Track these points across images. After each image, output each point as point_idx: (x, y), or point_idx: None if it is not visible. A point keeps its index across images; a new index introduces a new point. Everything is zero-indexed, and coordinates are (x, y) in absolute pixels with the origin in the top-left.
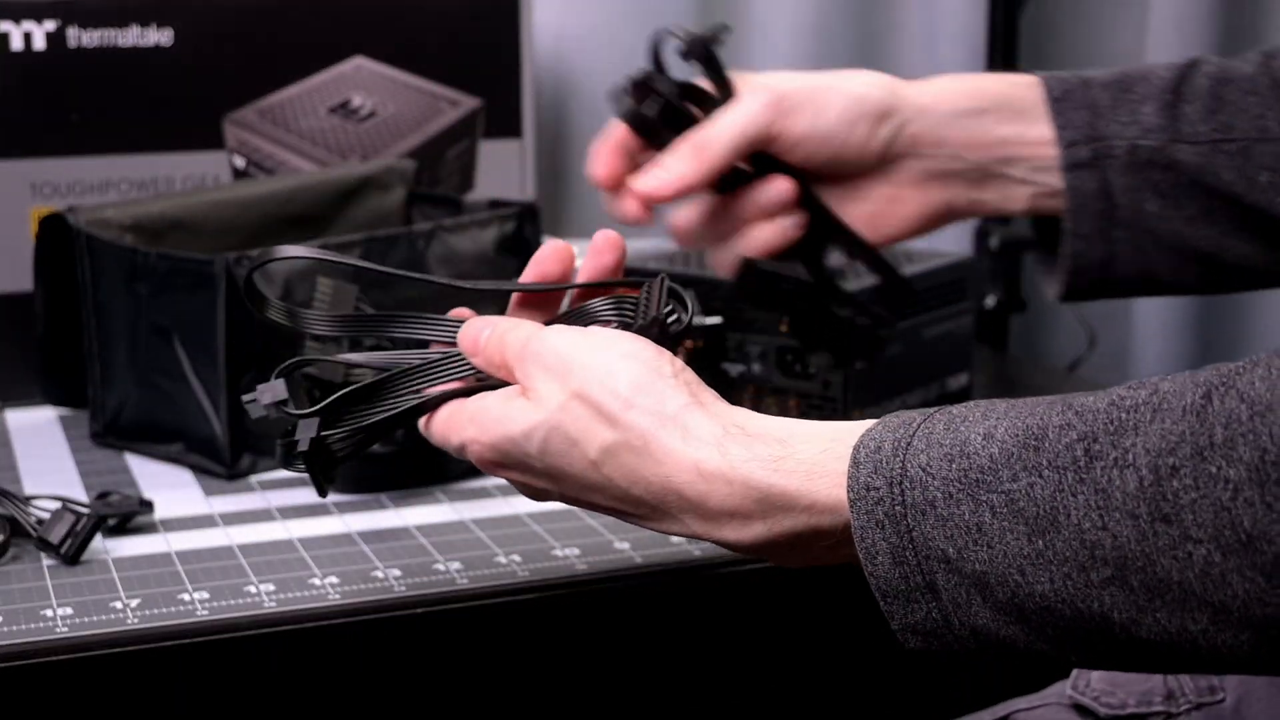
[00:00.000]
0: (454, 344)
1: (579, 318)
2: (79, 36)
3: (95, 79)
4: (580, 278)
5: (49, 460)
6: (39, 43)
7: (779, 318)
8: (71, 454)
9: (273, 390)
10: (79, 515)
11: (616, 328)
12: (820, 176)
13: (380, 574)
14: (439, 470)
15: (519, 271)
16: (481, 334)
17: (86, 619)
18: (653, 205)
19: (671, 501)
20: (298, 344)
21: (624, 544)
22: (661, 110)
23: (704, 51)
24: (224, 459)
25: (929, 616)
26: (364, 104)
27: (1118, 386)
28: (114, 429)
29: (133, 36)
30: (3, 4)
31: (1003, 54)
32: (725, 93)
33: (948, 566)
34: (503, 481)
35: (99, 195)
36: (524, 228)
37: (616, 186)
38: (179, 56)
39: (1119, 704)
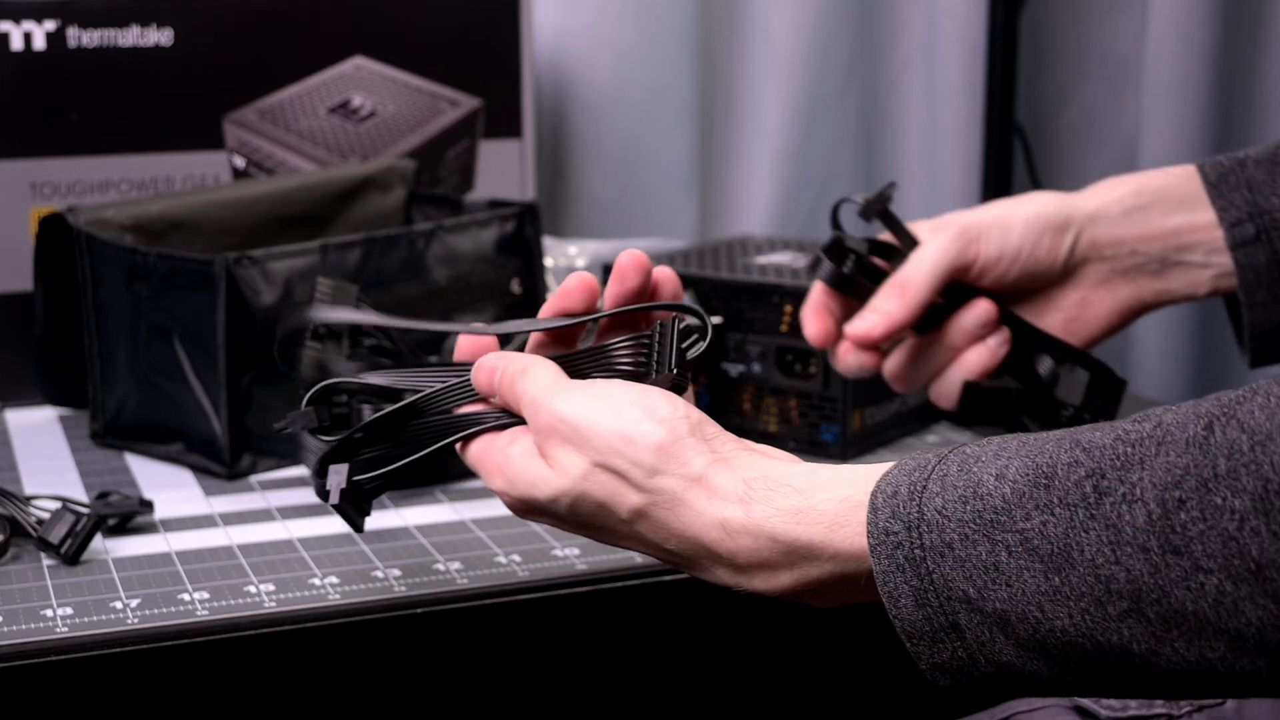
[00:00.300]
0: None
1: (596, 359)
2: (79, 36)
3: (95, 79)
4: (606, 303)
5: (49, 460)
6: (39, 43)
7: (779, 319)
8: (71, 454)
9: (305, 418)
10: (79, 515)
11: (631, 375)
12: (1013, 296)
13: (380, 574)
14: (439, 470)
15: (519, 271)
16: (494, 376)
17: (86, 619)
18: (872, 347)
19: (702, 555)
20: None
21: None
22: (857, 266)
23: (882, 210)
24: (224, 459)
25: (955, 655)
26: (364, 104)
27: (1122, 420)
28: (114, 429)
29: (133, 36)
30: (3, 4)
31: (1003, 54)
32: (909, 242)
33: (969, 606)
34: None
35: (99, 195)
36: (524, 228)
37: (830, 342)
38: (179, 56)
39: (1120, 705)
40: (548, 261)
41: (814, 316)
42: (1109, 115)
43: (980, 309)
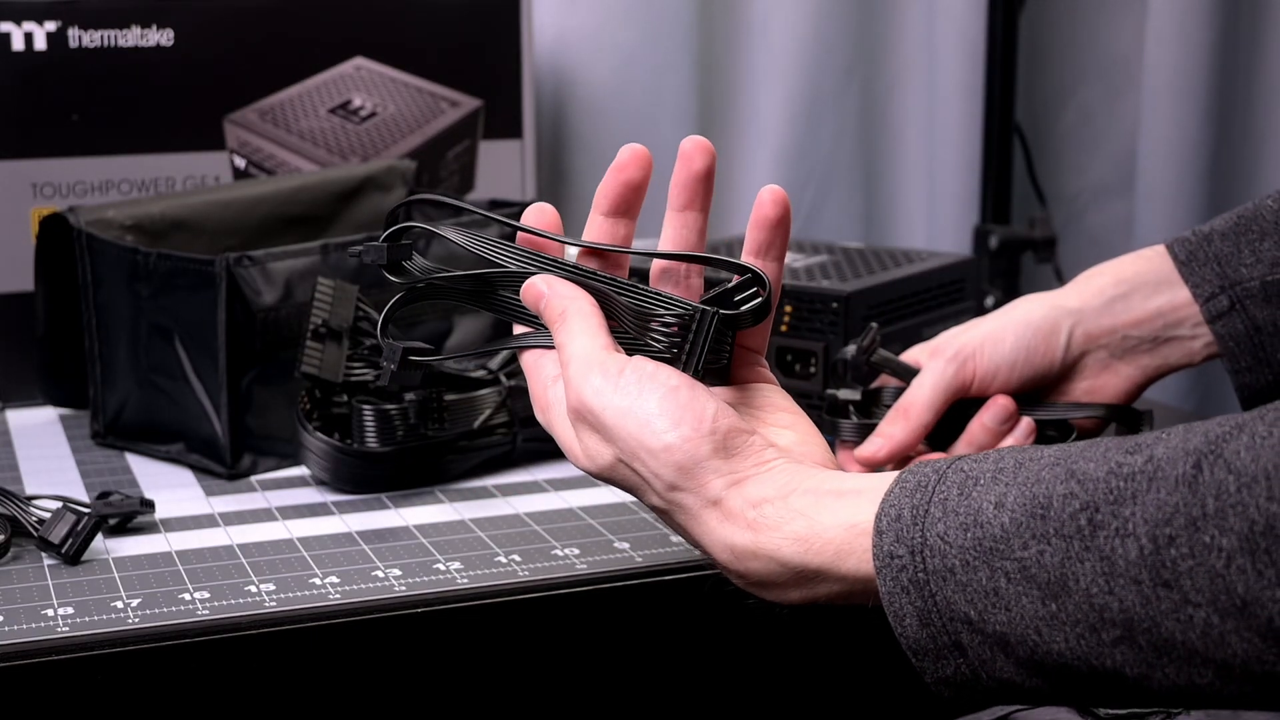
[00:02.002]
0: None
1: (636, 318)
2: (80, 37)
3: (96, 79)
4: (672, 188)
5: (50, 460)
6: (40, 43)
7: (779, 319)
8: (72, 454)
9: (377, 252)
10: (80, 515)
11: (659, 357)
12: (1024, 397)
13: (380, 574)
14: (439, 470)
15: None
16: (540, 302)
17: (87, 619)
18: (876, 469)
19: (715, 563)
20: (298, 344)
21: (624, 544)
22: (859, 409)
23: (870, 358)
24: (224, 459)
25: (958, 672)
26: (364, 104)
27: (1115, 446)
28: (115, 429)
29: (133, 37)
30: (3, 4)
31: (1002, 54)
32: (908, 374)
33: (970, 627)
34: (503, 481)
35: (100, 195)
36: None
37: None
38: (179, 57)
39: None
40: None
41: (840, 454)
42: (1108, 115)
43: (998, 405)
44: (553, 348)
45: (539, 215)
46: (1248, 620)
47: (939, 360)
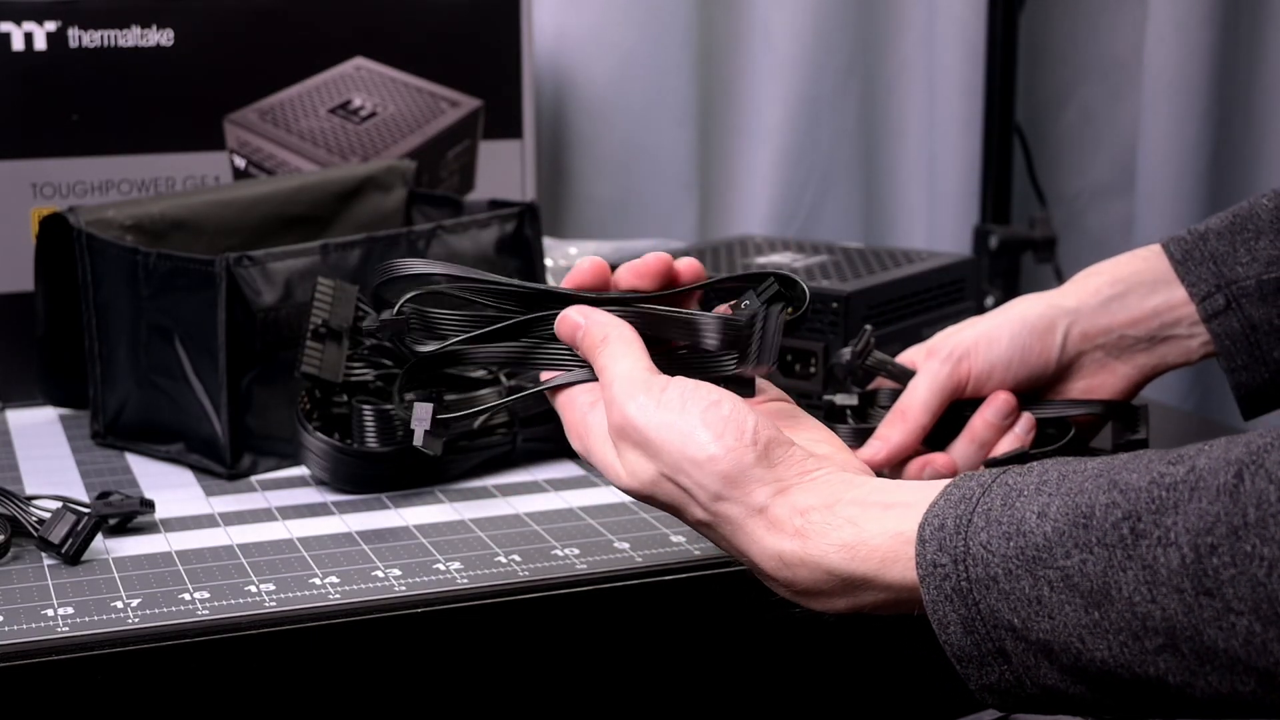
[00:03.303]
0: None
1: (684, 330)
2: (80, 37)
3: (96, 79)
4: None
5: (50, 460)
6: (40, 43)
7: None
8: (72, 454)
9: (395, 326)
10: (80, 515)
11: (718, 362)
12: (1022, 396)
13: (380, 574)
14: (439, 470)
15: (519, 271)
16: (577, 333)
17: (87, 619)
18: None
19: (760, 573)
20: (298, 344)
21: (624, 544)
22: (857, 414)
23: (865, 362)
24: (224, 459)
25: (1003, 678)
26: (364, 104)
27: (1157, 458)
28: (115, 429)
29: (133, 37)
30: (3, 4)
31: (1002, 54)
32: (904, 376)
33: (1014, 634)
34: (503, 481)
35: (99, 195)
36: (524, 228)
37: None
38: (179, 57)
39: None
40: (548, 262)
41: None
42: (1108, 115)
43: (1000, 400)
44: (591, 380)
45: (591, 269)
46: None
47: (934, 360)
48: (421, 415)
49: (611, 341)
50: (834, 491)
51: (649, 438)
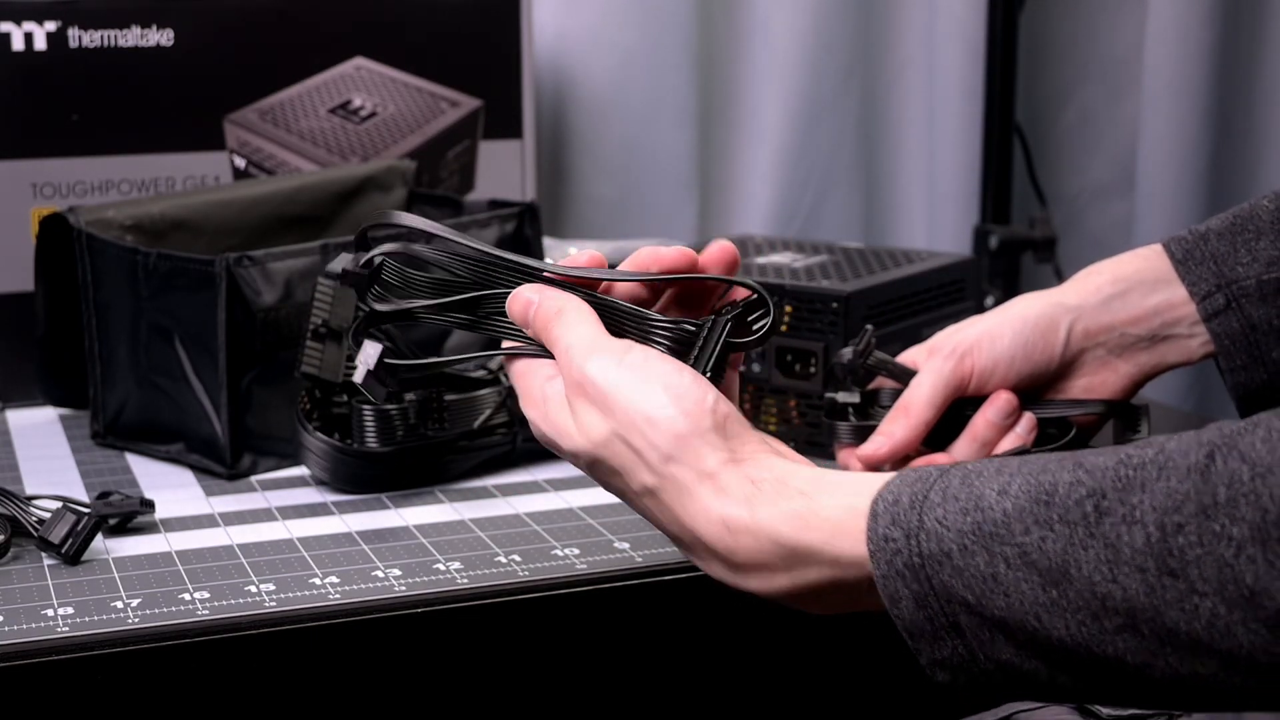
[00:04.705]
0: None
1: (636, 323)
2: (80, 37)
3: (96, 79)
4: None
5: (50, 460)
6: (40, 43)
7: (779, 319)
8: (72, 454)
9: (350, 261)
10: (80, 515)
11: (665, 350)
12: (1023, 394)
13: (380, 574)
14: (439, 470)
15: None
16: (529, 311)
17: (87, 619)
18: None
19: (701, 548)
20: (298, 344)
21: (624, 544)
22: (858, 412)
23: (866, 361)
24: (224, 459)
25: (955, 653)
26: (364, 104)
27: (1125, 444)
28: (115, 429)
29: (133, 37)
30: (4, 4)
31: (1002, 54)
32: (905, 375)
33: (968, 610)
34: (503, 481)
35: (99, 195)
36: (524, 228)
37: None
38: (179, 56)
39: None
40: (548, 261)
41: (840, 454)
42: (1108, 115)
43: (1001, 400)
44: (548, 356)
45: (589, 261)
46: (1255, 610)
47: (937, 358)
48: (368, 355)
49: (567, 312)
50: (788, 469)
51: (604, 392)
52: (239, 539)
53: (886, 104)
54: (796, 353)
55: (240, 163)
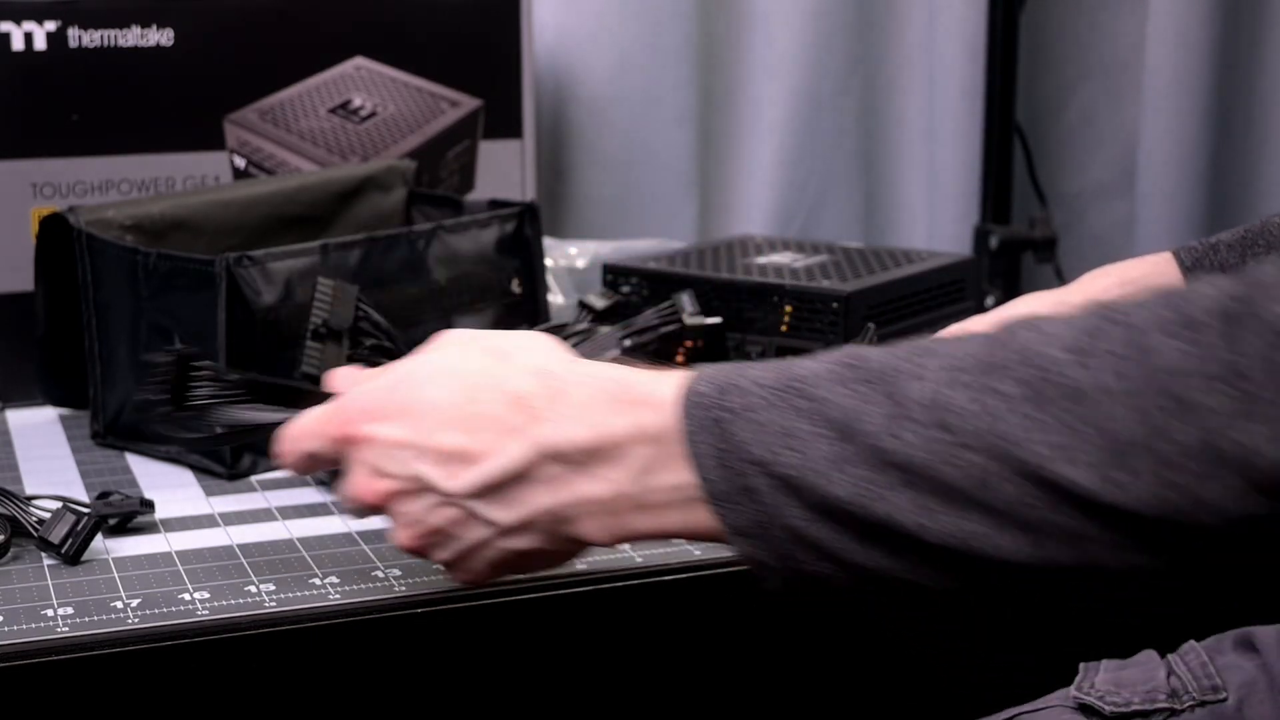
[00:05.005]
0: None
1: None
2: (80, 37)
3: (96, 79)
4: None
5: (50, 460)
6: (40, 43)
7: (779, 319)
8: (72, 454)
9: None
10: (80, 515)
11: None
12: None
13: (380, 574)
14: None
15: (519, 271)
16: (292, 456)
17: (87, 619)
18: None
19: (519, 423)
20: (298, 344)
21: (624, 544)
22: None
23: None
24: (224, 459)
25: (750, 519)
26: (364, 104)
27: None
28: (115, 429)
29: (133, 37)
30: (3, 4)
31: (1002, 54)
32: None
33: (761, 469)
34: None
35: (99, 195)
36: (524, 228)
37: None
38: (179, 56)
39: (1123, 702)
40: (548, 262)
41: None
42: (1109, 115)
43: None
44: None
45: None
46: (1015, 465)
47: None
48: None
49: (303, 423)
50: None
51: (395, 401)
52: (239, 539)
53: (887, 104)
54: (797, 353)
55: (240, 163)
